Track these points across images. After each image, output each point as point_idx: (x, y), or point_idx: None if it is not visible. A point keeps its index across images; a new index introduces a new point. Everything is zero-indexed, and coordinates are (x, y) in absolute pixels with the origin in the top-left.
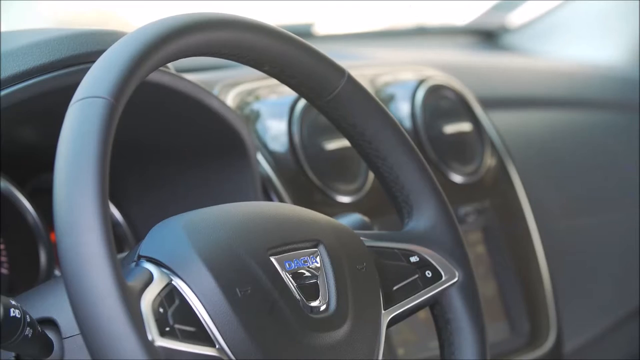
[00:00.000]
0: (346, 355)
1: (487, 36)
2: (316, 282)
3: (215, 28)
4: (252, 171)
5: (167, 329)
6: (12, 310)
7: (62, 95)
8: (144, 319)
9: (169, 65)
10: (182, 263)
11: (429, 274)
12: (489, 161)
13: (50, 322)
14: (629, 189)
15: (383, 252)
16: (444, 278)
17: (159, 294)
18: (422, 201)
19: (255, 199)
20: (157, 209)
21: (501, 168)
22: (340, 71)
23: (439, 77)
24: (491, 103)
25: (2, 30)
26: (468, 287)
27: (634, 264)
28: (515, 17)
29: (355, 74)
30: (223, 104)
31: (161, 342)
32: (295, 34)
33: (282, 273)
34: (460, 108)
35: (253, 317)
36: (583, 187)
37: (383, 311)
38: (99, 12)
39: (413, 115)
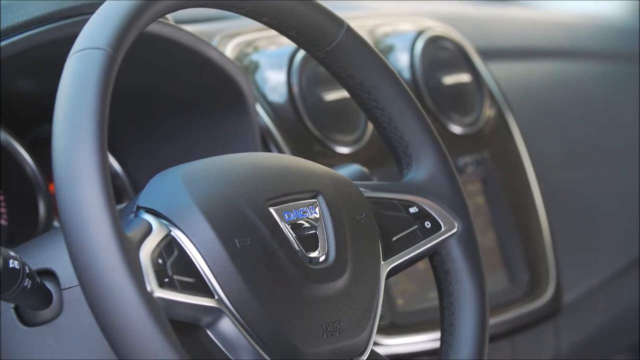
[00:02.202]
0: (345, 306)
1: None
2: (315, 233)
3: None
4: (251, 122)
5: (166, 280)
6: (11, 261)
7: (61, 47)
8: (142, 270)
9: (168, 16)
10: (181, 214)
11: (428, 224)
12: (488, 112)
13: (49, 274)
14: (629, 140)
15: (382, 203)
16: (443, 229)
17: (157, 245)
18: (421, 152)
19: (254, 149)
20: (156, 160)
21: (500, 119)
22: (339, 22)
23: (438, 28)
24: (490, 54)
25: None
26: (467, 238)
27: (633, 215)
28: None
29: (354, 25)
30: (222, 55)
31: (160, 293)
32: None
33: (281, 224)
34: (459, 59)
35: (252, 268)
36: (582, 138)
37: (382, 262)
38: None
39: (412, 66)
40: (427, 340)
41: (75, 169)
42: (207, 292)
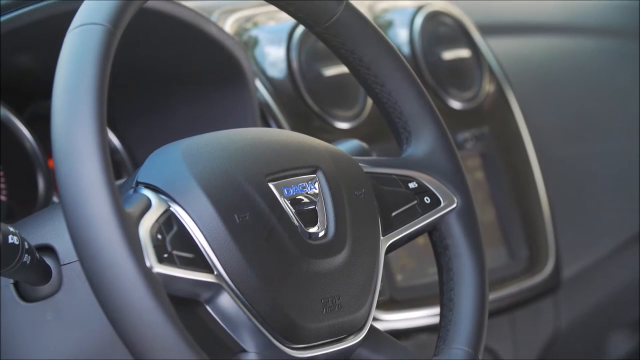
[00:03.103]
0: (344, 281)
1: None
2: (314, 209)
3: None
4: (250, 97)
5: (165, 255)
6: (10, 236)
7: (60, 22)
8: (142, 246)
9: None
10: (180, 189)
11: (427, 200)
12: (488, 87)
13: (49, 249)
14: (628, 115)
15: (381, 178)
16: (442, 204)
17: (157, 220)
18: (420, 127)
19: (254, 125)
20: (155, 135)
21: (500, 94)
22: None
23: (437, 3)
24: (490, 29)
25: None
26: (467, 213)
27: (633, 190)
28: None
29: (354, 0)
30: (221, 30)
31: (159, 268)
32: None
33: (281, 199)
34: (459, 34)
35: (251, 244)
36: (582, 113)
37: (382, 237)
38: None
39: (411, 41)
40: (426, 316)
41: (74, 144)
42: (206, 267)
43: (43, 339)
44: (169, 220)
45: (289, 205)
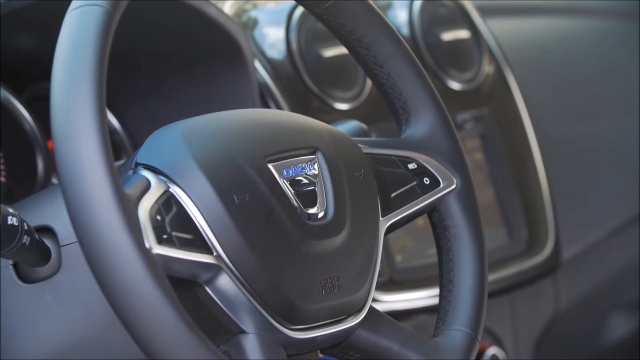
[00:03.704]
0: (344, 262)
1: None
2: (314, 189)
3: None
4: (249, 78)
5: (165, 236)
6: (9, 218)
7: (59, 3)
8: (141, 227)
9: None
10: (179, 170)
11: (426, 180)
12: (487, 68)
13: (48, 230)
14: (628, 96)
15: (381, 159)
16: (442, 185)
17: (156, 201)
18: (419, 108)
19: (253, 106)
20: (154, 116)
21: (499, 75)
22: None
23: None
24: (489, 10)
25: None
26: (466, 194)
27: (633, 171)
28: None
29: None
30: (221, 11)
31: (158, 249)
32: None
33: (280, 180)
34: (458, 15)
35: (251, 224)
36: (582, 94)
37: (381, 218)
38: None
39: (411, 22)
40: (425, 297)
41: (73, 125)
42: (206, 248)
43: (42, 320)
44: (168, 201)
45: (289, 186)
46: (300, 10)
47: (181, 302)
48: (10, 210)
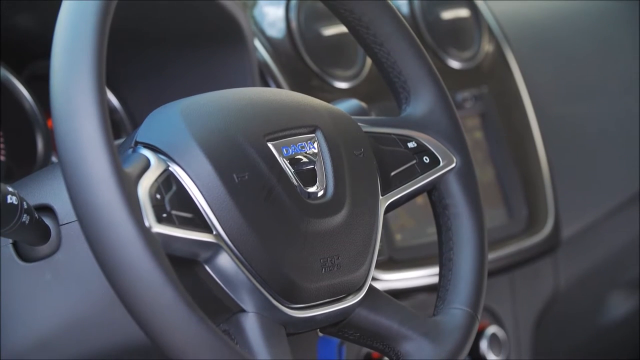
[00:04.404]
0: (343, 241)
1: None
2: (313, 168)
3: None
4: (249, 57)
5: (164, 215)
6: (9, 196)
7: None
8: (140, 205)
9: None
10: (179, 149)
11: (426, 159)
12: (487, 47)
13: (47, 209)
14: (628, 74)
15: (380, 137)
16: (441, 163)
17: (156, 180)
18: (419, 87)
19: (253, 85)
20: (154, 95)
21: (499, 54)
22: None
23: None
24: None
25: None
26: (466, 173)
27: (633, 149)
28: None
29: None
30: None
31: (158, 228)
32: None
33: (280, 159)
34: None
35: (250, 203)
36: (582, 73)
37: (381, 197)
38: None
39: (410, 1)
40: (425, 276)
41: (73, 103)
42: (205, 227)
43: (42, 299)
44: (167, 180)
45: (288, 164)
46: None
47: (181, 281)
48: (10, 189)
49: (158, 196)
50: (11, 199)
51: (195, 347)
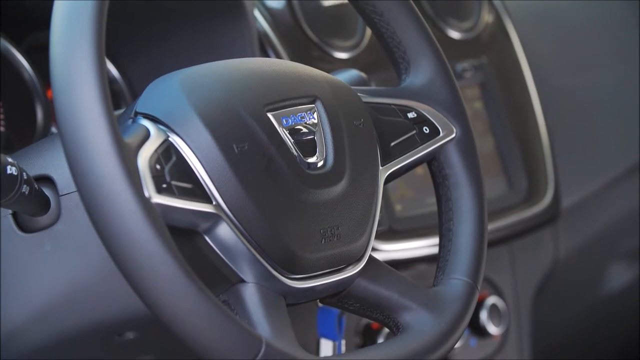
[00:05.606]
0: (343, 212)
1: None
2: (313, 139)
3: None
4: (248, 27)
5: (164, 185)
6: (8, 167)
7: None
8: (140, 176)
9: None
10: (179, 119)
11: (426, 129)
12: (487, 17)
13: (47, 180)
14: (629, 46)
15: (380, 108)
16: (441, 134)
17: (155, 150)
18: (419, 57)
19: (252, 55)
20: (154, 65)
21: (499, 24)
22: None
23: None
24: None
25: None
26: (466, 143)
27: (633, 120)
28: None
29: None
30: None
31: (158, 198)
32: None
33: (279, 129)
34: None
35: (250, 173)
36: (582, 44)
37: (380, 167)
38: None
39: None
40: (425, 246)
41: (72, 74)
42: (205, 197)
43: (41, 269)
44: (167, 151)
45: (288, 135)
46: None
47: (180, 252)
48: (10, 159)
49: (158, 167)
50: (11, 170)
51: (194, 317)
